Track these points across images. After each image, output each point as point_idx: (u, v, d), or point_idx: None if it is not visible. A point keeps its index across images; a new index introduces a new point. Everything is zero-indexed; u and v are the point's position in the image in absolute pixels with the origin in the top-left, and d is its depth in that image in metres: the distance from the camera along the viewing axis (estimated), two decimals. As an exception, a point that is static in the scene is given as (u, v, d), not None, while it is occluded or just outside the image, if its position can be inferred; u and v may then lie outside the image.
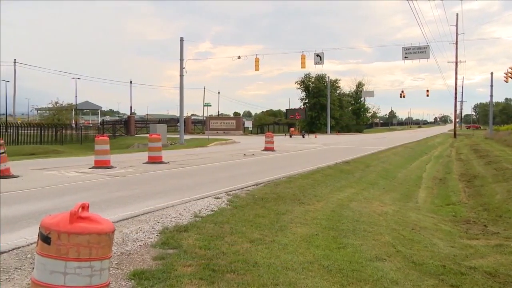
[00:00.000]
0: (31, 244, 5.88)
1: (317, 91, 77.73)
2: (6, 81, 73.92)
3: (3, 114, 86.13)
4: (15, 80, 53.85)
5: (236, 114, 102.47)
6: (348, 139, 46.71)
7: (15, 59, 53.39)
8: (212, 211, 8.31)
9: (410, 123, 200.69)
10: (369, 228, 8.17)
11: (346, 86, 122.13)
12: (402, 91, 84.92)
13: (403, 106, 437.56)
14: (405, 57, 38.48)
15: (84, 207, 3.04)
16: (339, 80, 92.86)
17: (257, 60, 39.89)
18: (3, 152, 12.70)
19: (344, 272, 5.49)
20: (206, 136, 40.85)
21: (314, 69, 73.98)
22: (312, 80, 79.42)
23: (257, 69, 40.24)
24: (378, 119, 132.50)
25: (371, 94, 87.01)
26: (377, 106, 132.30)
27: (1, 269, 4.95)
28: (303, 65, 39.77)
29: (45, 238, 2.94)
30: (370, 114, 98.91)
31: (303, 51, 39.01)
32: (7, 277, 4.74)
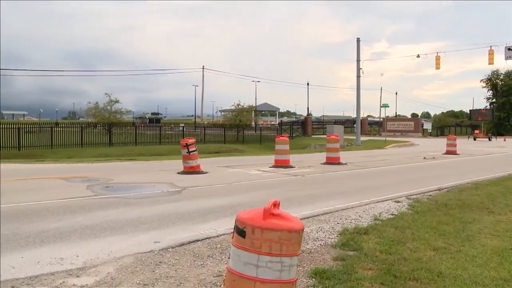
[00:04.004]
0: (220, 235, 6.39)
1: (506, 89, 71.33)
2: (195, 86, 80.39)
3: (193, 115, 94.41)
4: (203, 85, 58.55)
5: (413, 115, 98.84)
6: (545, 143, 41.84)
7: (203, 66, 58.00)
8: (392, 214, 8.11)
9: None
10: None
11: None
12: None
13: None
14: None
15: (276, 205, 3.18)
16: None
17: (437, 58, 37.77)
18: (194, 150, 13.93)
19: (547, 296, 4.89)
20: (383, 138, 39.93)
21: (503, 65, 67.98)
22: (501, 77, 73.11)
23: (437, 67, 38.13)
24: None
25: None
26: None
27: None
28: (491, 61, 36.43)
29: (240, 232, 3.14)
30: None
31: (490, 46, 35.78)
32: (201, 263, 5.24)
